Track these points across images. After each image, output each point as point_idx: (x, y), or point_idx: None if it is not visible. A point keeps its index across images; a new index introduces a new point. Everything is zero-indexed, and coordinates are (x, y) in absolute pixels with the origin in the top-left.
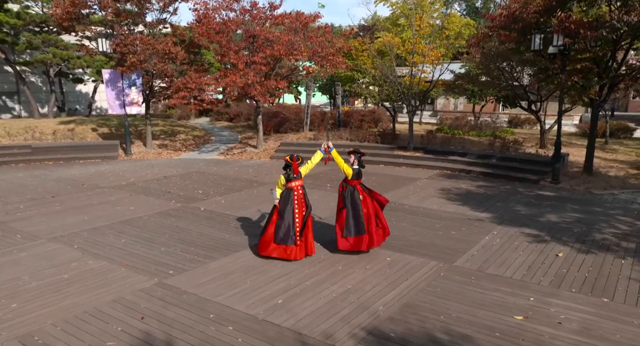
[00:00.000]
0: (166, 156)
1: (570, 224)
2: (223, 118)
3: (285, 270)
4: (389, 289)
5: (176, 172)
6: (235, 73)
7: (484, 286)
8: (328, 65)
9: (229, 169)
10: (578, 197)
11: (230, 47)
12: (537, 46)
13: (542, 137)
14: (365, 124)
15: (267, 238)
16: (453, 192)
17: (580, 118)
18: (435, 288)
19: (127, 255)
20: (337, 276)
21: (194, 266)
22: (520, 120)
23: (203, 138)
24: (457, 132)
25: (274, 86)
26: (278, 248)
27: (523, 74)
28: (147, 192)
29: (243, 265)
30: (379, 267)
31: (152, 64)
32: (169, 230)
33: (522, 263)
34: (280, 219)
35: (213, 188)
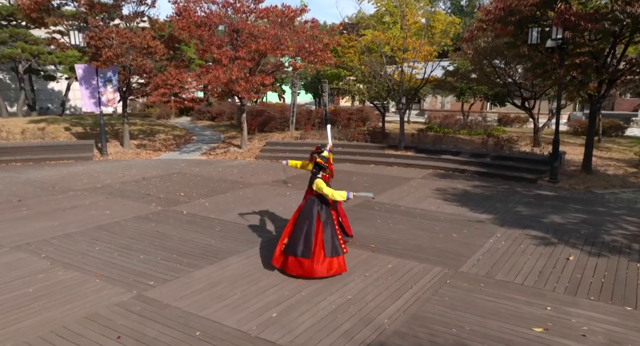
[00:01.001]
0: (145, 156)
1: (576, 225)
2: (205, 117)
3: (277, 280)
4: (392, 299)
5: (156, 173)
6: (218, 69)
7: (495, 294)
8: (316, 60)
9: (212, 170)
10: (579, 197)
11: (213, 41)
12: (535, 40)
13: (536, 135)
14: (353, 123)
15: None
16: (449, 192)
17: (569, 117)
18: (442, 297)
19: (102, 264)
20: (334, 286)
21: (176, 276)
22: (510, 119)
23: (184, 137)
24: (447, 131)
25: (260, 82)
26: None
27: (518, 69)
28: (124, 195)
29: (231, 273)
30: (379, 275)
31: (130, 58)
32: (149, 236)
33: (532, 268)
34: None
35: (196, 190)
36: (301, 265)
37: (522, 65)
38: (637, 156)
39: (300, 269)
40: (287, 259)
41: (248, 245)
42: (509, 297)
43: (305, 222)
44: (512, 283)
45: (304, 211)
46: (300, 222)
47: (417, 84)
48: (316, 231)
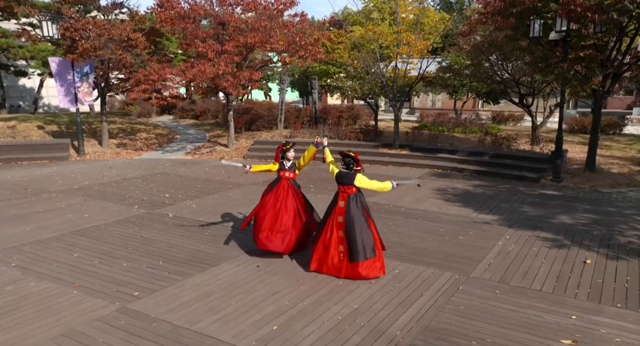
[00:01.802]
0: (125, 156)
1: (587, 226)
2: (188, 115)
3: (275, 288)
4: (403, 308)
5: (138, 174)
6: (203, 63)
7: (513, 302)
8: (307, 55)
9: (199, 170)
10: (585, 196)
11: (198, 34)
12: (537, 33)
13: (534, 133)
14: (344, 121)
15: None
16: (449, 192)
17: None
18: (457, 305)
19: (80, 273)
20: (338, 294)
21: (164, 286)
22: (504, 117)
23: (167, 136)
24: (441, 129)
25: (248, 77)
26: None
27: (517, 64)
28: (104, 197)
29: (224, 282)
30: (386, 281)
31: (109, 52)
32: (132, 242)
33: (549, 273)
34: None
35: (182, 192)
36: (371, 266)
37: (522, 60)
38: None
39: (370, 270)
40: (358, 265)
41: (240, 250)
42: (529, 305)
43: (360, 223)
44: (530, 289)
45: (352, 214)
46: (355, 225)
47: (412, 79)
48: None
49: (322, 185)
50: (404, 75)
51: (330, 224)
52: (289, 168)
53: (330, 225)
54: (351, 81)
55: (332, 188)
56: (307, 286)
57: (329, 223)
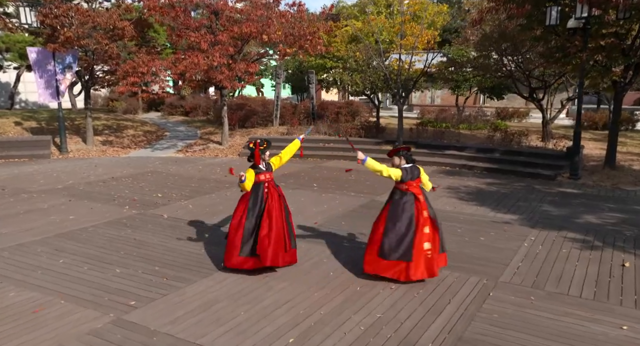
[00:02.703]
0: (112, 154)
1: (617, 226)
2: (177, 112)
3: (288, 295)
4: (431, 316)
5: (127, 172)
6: (197, 54)
7: (551, 309)
8: (307, 46)
9: (192, 168)
10: (608, 194)
11: (189, 24)
12: (554, 21)
13: (545, 129)
14: (342, 117)
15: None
16: (462, 190)
17: (567, 111)
18: (490, 313)
19: (67, 281)
20: (358, 301)
21: (163, 294)
22: (509, 113)
23: (155, 134)
24: (445, 125)
25: (244, 70)
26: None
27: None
28: (91, 197)
29: (229, 289)
30: (408, 286)
31: (93, 41)
32: (125, 245)
33: (585, 277)
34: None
35: (175, 191)
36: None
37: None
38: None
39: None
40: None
41: None
42: (570, 313)
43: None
44: (567, 295)
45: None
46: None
47: (418, 72)
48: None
49: (325, 184)
50: (409, 67)
51: (421, 222)
52: (266, 169)
53: (421, 223)
54: (352, 74)
55: (336, 186)
56: (321, 293)
57: (419, 223)
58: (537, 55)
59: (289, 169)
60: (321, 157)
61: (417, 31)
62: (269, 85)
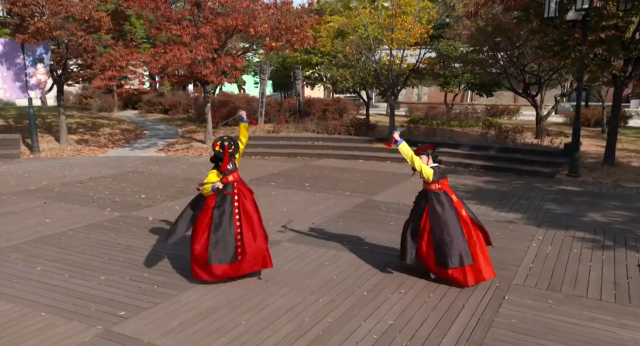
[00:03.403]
0: (88, 153)
1: (625, 224)
2: (156, 110)
3: (291, 301)
4: (446, 323)
5: (105, 173)
6: (179, 48)
7: (573, 313)
8: (295, 40)
9: (175, 168)
10: (610, 192)
11: (170, 15)
12: (553, 12)
13: (539, 126)
14: (329, 114)
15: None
16: (460, 189)
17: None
18: (508, 318)
19: (47, 290)
20: (366, 307)
21: (155, 302)
22: (499, 110)
23: (134, 132)
24: (436, 123)
25: (231, 64)
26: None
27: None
28: (68, 199)
29: (227, 296)
30: (417, 291)
31: (68, 33)
32: (109, 250)
33: (602, 279)
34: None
35: (159, 192)
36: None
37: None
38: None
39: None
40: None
41: None
42: (593, 317)
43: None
44: (587, 298)
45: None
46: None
47: (410, 67)
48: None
49: (317, 183)
50: (400, 62)
51: (467, 222)
52: (232, 169)
53: (468, 223)
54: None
55: (329, 186)
56: (326, 299)
57: (464, 223)
58: (534, 49)
59: (278, 168)
60: (310, 155)
61: (409, 25)
62: (251, 81)
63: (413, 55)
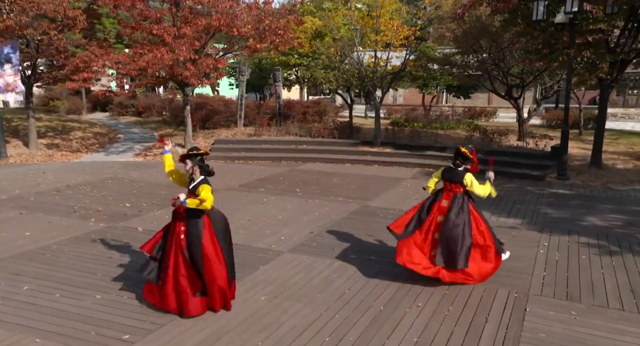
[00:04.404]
0: (61, 159)
1: (625, 228)
2: (128, 112)
3: (304, 319)
4: (472, 339)
5: (83, 180)
6: (160, 48)
7: (600, 326)
8: (279, 41)
9: (157, 174)
10: (602, 195)
11: (149, 14)
12: (541, 15)
13: (521, 128)
14: (310, 117)
15: None
16: None
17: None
18: (536, 333)
19: (38, 313)
20: (386, 323)
21: (160, 323)
22: (476, 112)
23: (107, 136)
24: (417, 125)
25: (213, 66)
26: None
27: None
28: (46, 209)
29: (236, 314)
30: (434, 304)
31: (39, 31)
32: (100, 265)
33: (618, 287)
34: None
35: (145, 200)
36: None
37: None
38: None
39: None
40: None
41: (244, 270)
42: (622, 330)
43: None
44: (609, 308)
45: (453, 216)
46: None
47: (396, 69)
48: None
49: (308, 189)
50: (385, 64)
51: (428, 223)
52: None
53: (428, 224)
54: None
55: (320, 192)
56: (342, 315)
57: (426, 222)
58: (521, 51)
59: (265, 173)
60: (295, 159)
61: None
62: (226, 83)
63: (399, 57)
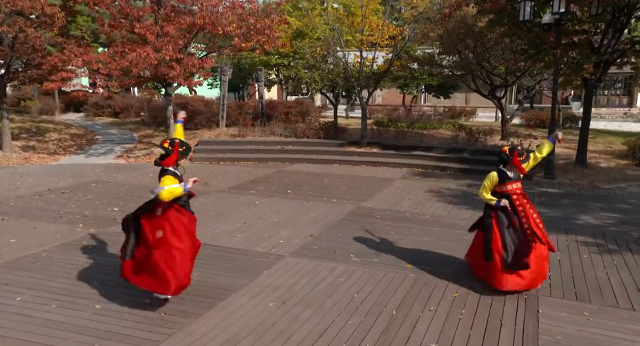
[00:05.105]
0: (38, 161)
1: (618, 227)
2: (105, 113)
3: (320, 326)
4: (492, 343)
5: (65, 183)
6: (145, 47)
7: (615, 327)
8: (264, 40)
9: (142, 176)
10: (590, 194)
11: (131, 12)
12: (528, 16)
13: (504, 127)
14: (292, 117)
15: None
16: (446, 193)
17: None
18: (553, 335)
19: (36, 326)
20: (401, 330)
21: (168, 333)
22: (456, 112)
23: (85, 137)
24: (400, 125)
25: (199, 65)
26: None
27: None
28: (30, 214)
29: (247, 321)
30: (446, 306)
31: (16, 29)
32: (95, 273)
33: (625, 286)
34: None
35: (133, 204)
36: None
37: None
38: (625, 146)
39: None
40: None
41: (247, 275)
42: (637, 331)
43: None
44: (620, 308)
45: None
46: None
47: (382, 68)
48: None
49: (299, 190)
50: (372, 63)
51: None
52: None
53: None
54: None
55: (312, 193)
56: (355, 321)
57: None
58: (507, 51)
59: (253, 175)
60: (282, 160)
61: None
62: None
63: (385, 57)
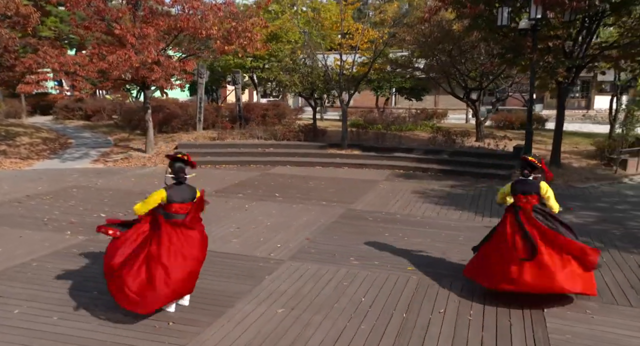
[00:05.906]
0: (10, 167)
1: (600, 225)
2: (75, 116)
3: (332, 332)
4: (505, 343)
5: (43, 189)
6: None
7: (621, 324)
8: (245, 43)
9: (123, 180)
10: (566, 193)
11: (111, 13)
12: (505, 21)
13: (479, 129)
14: (269, 119)
15: None
16: (431, 194)
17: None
18: (562, 334)
19: (40, 339)
20: (414, 333)
21: (179, 343)
22: (429, 114)
23: (58, 141)
24: (377, 127)
25: (180, 68)
26: None
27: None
28: (12, 222)
29: (259, 330)
30: (454, 308)
31: None
32: (92, 282)
33: (619, 284)
34: None
35: (119, 209)
36: None
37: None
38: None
39: None
40: None
41: (249, 281)
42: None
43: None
44: (621, 306)
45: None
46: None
47: (362, 71)
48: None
49: (287, 194)
50: (352, 66)
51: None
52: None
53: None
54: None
55: (300, 196)
56: (367, 326)
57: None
58: (485, 55)
59: (237, 178)
60: (264, 163)
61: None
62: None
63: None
